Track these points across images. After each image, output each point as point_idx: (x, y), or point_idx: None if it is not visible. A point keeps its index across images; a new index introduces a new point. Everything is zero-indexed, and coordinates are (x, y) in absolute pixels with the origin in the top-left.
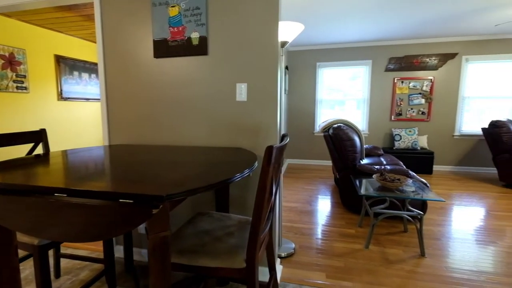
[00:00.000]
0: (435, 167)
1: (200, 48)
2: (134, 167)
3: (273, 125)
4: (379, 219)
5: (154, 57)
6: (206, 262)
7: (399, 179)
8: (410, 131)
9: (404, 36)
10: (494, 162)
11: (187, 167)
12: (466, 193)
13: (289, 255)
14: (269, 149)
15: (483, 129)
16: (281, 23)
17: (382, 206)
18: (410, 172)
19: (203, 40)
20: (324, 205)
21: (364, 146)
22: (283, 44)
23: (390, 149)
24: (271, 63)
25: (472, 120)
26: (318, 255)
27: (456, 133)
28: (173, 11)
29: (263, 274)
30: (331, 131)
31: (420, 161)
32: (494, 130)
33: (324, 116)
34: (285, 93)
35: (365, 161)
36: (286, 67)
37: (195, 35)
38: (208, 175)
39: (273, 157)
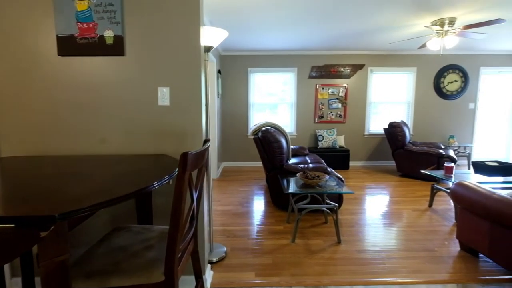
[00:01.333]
0: (351, 163)
1: (116, 48)
2: (29, 183)
3: (199, 130)
4: (302, 214)
5: (59, 55)
6: (119, 282)
7: (318, 176)
8: (330, 132)
9: (324, 47)
10: (393, 156)
11: (96, 179)
12: (374, 183)
13: (221, 259)
14: (184, 156)
15: (384, 129)
16: (206, 28)
17: (304, 201)
18: (329, 168)
19: (119, 39)
20: (256, 205)
21: (292, 147)
22: (208, 48)
23: (315, 149)
24: (194, 67)
25: (377, 122)
26: (248, 255)
27: (366, 133)
28: (81, 5)
29: (189, 284)
30: (260, 134)
31: (339, 158)
32: (392, 130)
33: (257, 119)
34: (218, 96)
35: (292, 161)
36: (219, 71)
37: (108, 34)
38: (117, 187)
39: (188, 164)
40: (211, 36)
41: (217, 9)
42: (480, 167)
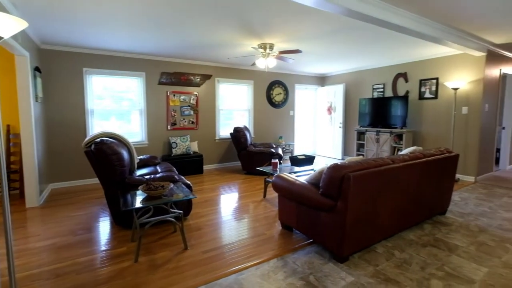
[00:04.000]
0: (205, 167)
1: None
2: None
3: None
4: (145, 229)
5: None
6: None
7: (163, 186)
8: (184, 139)
9: (173, 54)
10: (239, 157)
11: None
12: (225, 183)
13: None
14: None
15: (230, 133)
16: None
17: (148, 214)
18: (177, 176)
19: None
20: (95, 229)
21: (141, 157)
22: None
23: (168, 156)
24: None
25: (226, 127)
26: None
27: (217, 138)
28: None
29: None
30: (93, 146)
31: (193, 164)
32: (236, 134)
33: (98, 128)
34: (37, 101)
35: (140, 172)
36: (37, 69)
37: None
38: None
39: None
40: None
41: None
42: (294, 160)
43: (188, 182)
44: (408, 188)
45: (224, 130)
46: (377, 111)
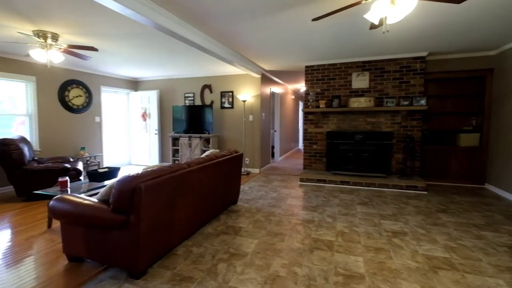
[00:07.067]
0: None
1: None
2: None
3: None
4: None
5: None
6: None
7: None
8: None
9: None
10: (10, 180)
11: None
12: None
13: None
14: None
15: None
16: None
17: None
18: None
19: None
20: None
21: None
22: None
23: None
24: None
25: None
26: None
27: None
28: None
29: None
30: None
31: None
32: (4, 148)
33: None
34: None
35: None
36: None
37: None
38: None
39: None
40: None
41: None
42: (94, 175)
43: None
44: (204, 187)
45: None
46: (189, 118)
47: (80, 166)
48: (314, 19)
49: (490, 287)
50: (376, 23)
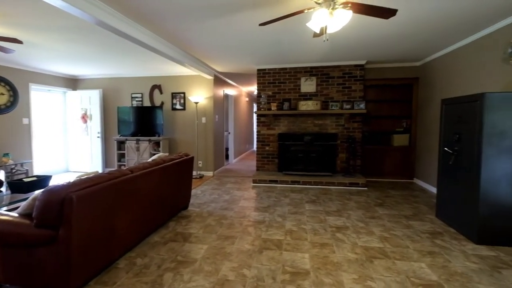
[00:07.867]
0: None
1: None
2: None
3: None
4: None
5: None
6: None
7: None
8: None
9: None
10: None
11: None
12: None
13: None
14: None
15: None
16: None
17: None
18: None
19: None
20: None
21: None
22: None
23: None
24: None
25: None
26: None
27: None
28: None
29: None
30: None
31: None
32: None
33: None
34: None
35: None
36: None
37: None
38: None
39: None
40: None
41: None
42: (17, 186)
43: None
44: (150, 194)
45: None
46: (137, 120)
47: (1, 175)
48: (261, 24)
49: (414, 270)
50: (318, 31)
